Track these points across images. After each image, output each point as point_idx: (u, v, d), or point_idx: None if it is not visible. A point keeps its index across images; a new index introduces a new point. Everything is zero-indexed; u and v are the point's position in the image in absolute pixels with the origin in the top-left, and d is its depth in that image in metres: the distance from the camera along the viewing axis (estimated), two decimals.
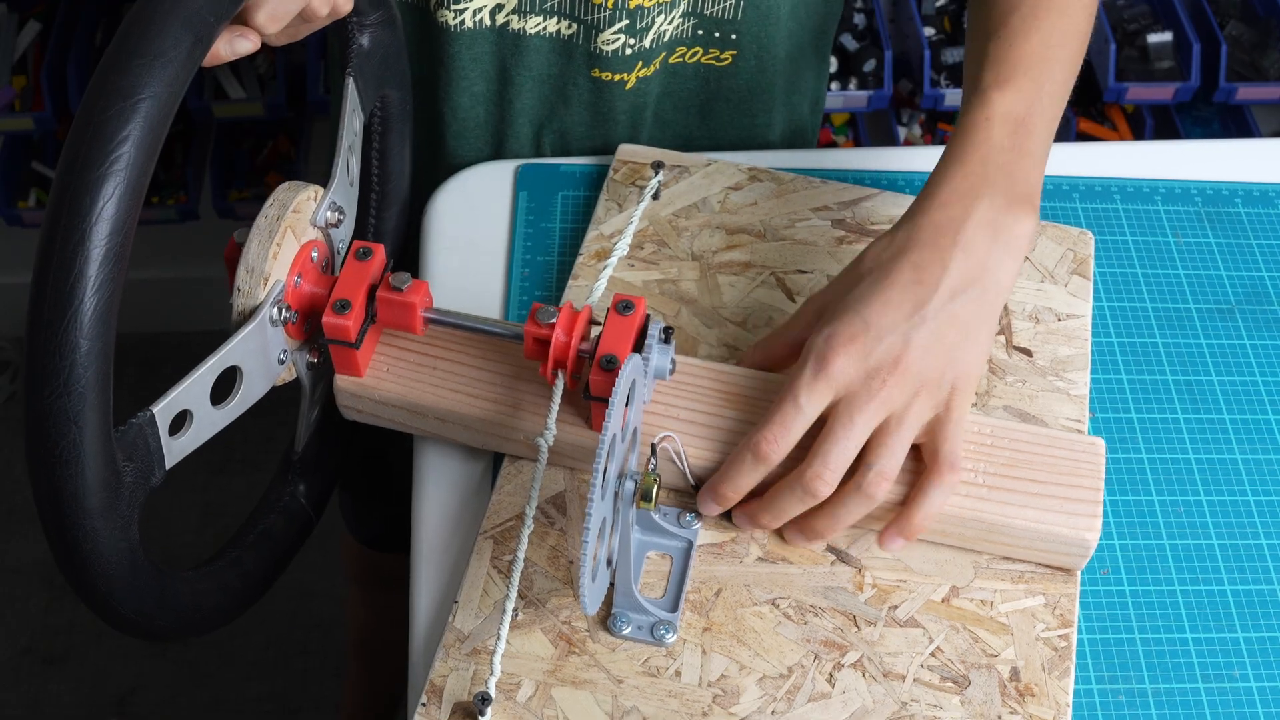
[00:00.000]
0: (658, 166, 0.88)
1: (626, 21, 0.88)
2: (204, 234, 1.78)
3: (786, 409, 0.67)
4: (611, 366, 0.69)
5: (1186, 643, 0.71)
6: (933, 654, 0.69)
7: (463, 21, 0.90)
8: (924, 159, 0.93)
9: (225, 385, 0.66)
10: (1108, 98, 1.75)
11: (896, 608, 0.71)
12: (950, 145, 0.73)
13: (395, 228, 0.85)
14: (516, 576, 0.68)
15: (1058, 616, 0.71)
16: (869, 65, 1.79)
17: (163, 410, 0.61)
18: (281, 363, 0.71)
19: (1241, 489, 0.77)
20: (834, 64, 1.82)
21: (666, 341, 0.70)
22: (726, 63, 0.94)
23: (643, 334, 0.71)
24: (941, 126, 1.96)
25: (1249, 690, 0.70)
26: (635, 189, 0.89)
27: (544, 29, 0.90)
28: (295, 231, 0.70)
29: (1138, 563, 0.74)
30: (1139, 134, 1.87)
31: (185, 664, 0.67)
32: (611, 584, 0.69)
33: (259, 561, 0.75)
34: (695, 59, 0.94)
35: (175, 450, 0.63)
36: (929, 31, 1.87)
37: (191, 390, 0.63)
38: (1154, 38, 1.73)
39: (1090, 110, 1.94)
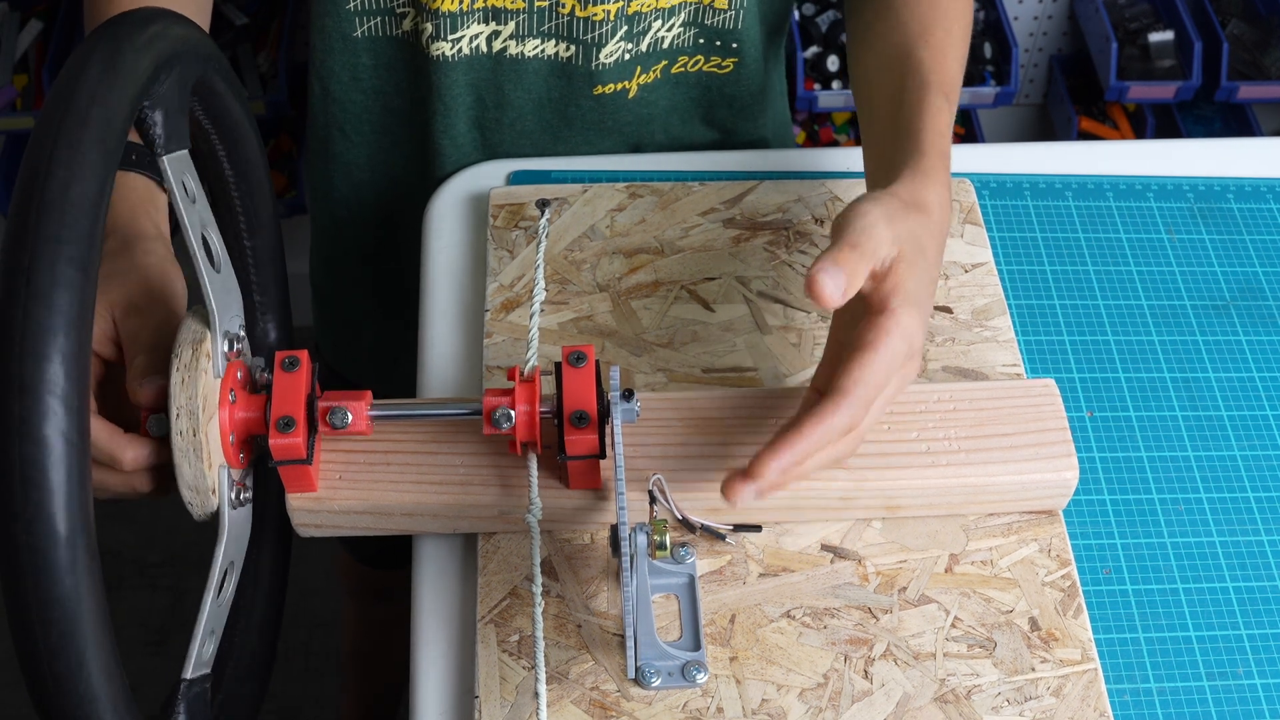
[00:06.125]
0: (542, 205, 0.86)
1: (625, 28, 0.87)
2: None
3: (882, 385, 0.64)
4: (584, 423, 0.67)
5: (1190, 640, 0.72)
6: (953, 625, 0.70)
7: (459, 50, 0.88)
8: None
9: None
10: (1109, 96, 1.77)
11: (905, 589, 0.71)
12: (930, 144, 0.73)
13: (273, 246, 0.78)
14: (540, 657, 0.66)
15: (1055, 558, 0.72)
16: None
17: (195, 671, 0.61)
18: (249, 512, 0.68)
19: (1240, 485, 0.78)
20: (835, 63, 1.82)
21: (629, 400, 0.69)
22: (728, 70, 0.94)
23: (599, 381, 0.70)
24: None
25: (1253, 687, 0.70)
26: (521, 231, 0.87)
27: (542, 51, 0.89)
28: (212, 413, 0.65)
29: (1139, 561, 0.75)
30: (1140, 133, 1.89)
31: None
32: (633, 639, 0.68)
33: (259, 647, 0.73)
34: (697, 68, 0.94)
35: (207, 660, 0.62)
36: None
37: (207, 624, 0.62)
38: (1155, 36, 1.75)
39: (1092, 109, 1.96)
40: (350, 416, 0.68)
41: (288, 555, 0.76)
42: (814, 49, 1.86)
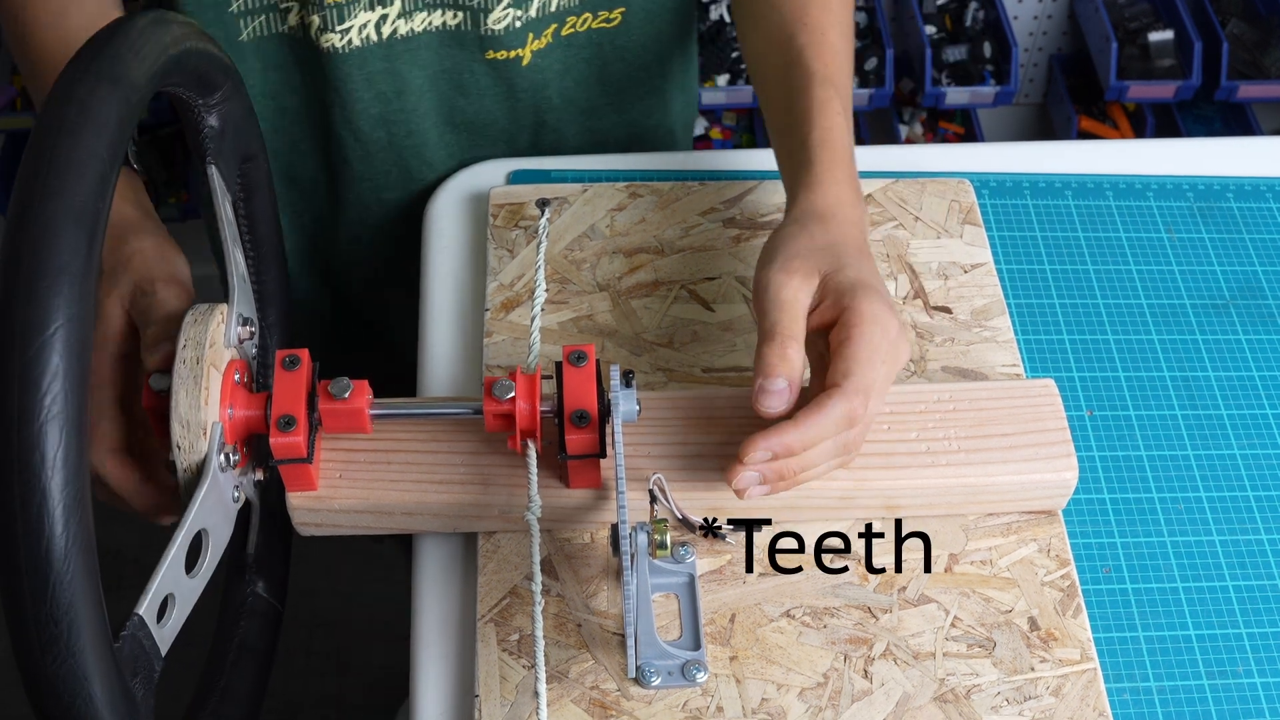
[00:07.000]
0: (542, 204, 0.86)
1: None
2: (205, 231, 1.72)
3: (877, 372, 0.66)
4: (585, 422, 0.67)
5: (1189, 639, 0.72)
6: (952, 624, 0.70)
7: (349, 41, 0.88)
8: (924, 156, 0.95)
9: (194, 550, 0.63)
10: (1109, 96, 1.78)
11: (905, 589, 0.71)
12: (818, 149, 0.75)
13: (279, 288, 0.82)
14: (540, 656, 0.66)
15: (1054, 558, 0.73)
16: (870, 63, 1.80)
17: (148, 608, 0.58)
18: (236, 500, 0.67)
19: (1240, 484, 0.78)
20: None
21: (629, 385, 0.69)
22: (616, 22, 0.94)
23: (600, 381, 0.70)
24: (942, 125, 1.97)
25: (1252, 686, 0.70)
26: (521, 230, 0.87)
27: (429, 23, 0.88)
28: (216, 365, 0.66)
29: (1139, 560, 0.75)
30: (1140, 132, 1.89)
31: (187, 663, 0.64)
32: (634, 638, 0.68)
33: (248, 678, 0.72)
34: (586, 26, 0.93)
35: (166, 637, 0.60)
36: (930, 30, 1.87)
37: (167, 574, 0.60)
38: (1155, 36, 1.75)
39: (1092, 109, 1.97)
40: (351, 386, 0.68)
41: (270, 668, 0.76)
42: None
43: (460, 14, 0.88)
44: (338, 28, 0.86)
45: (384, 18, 0.87)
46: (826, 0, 0.81)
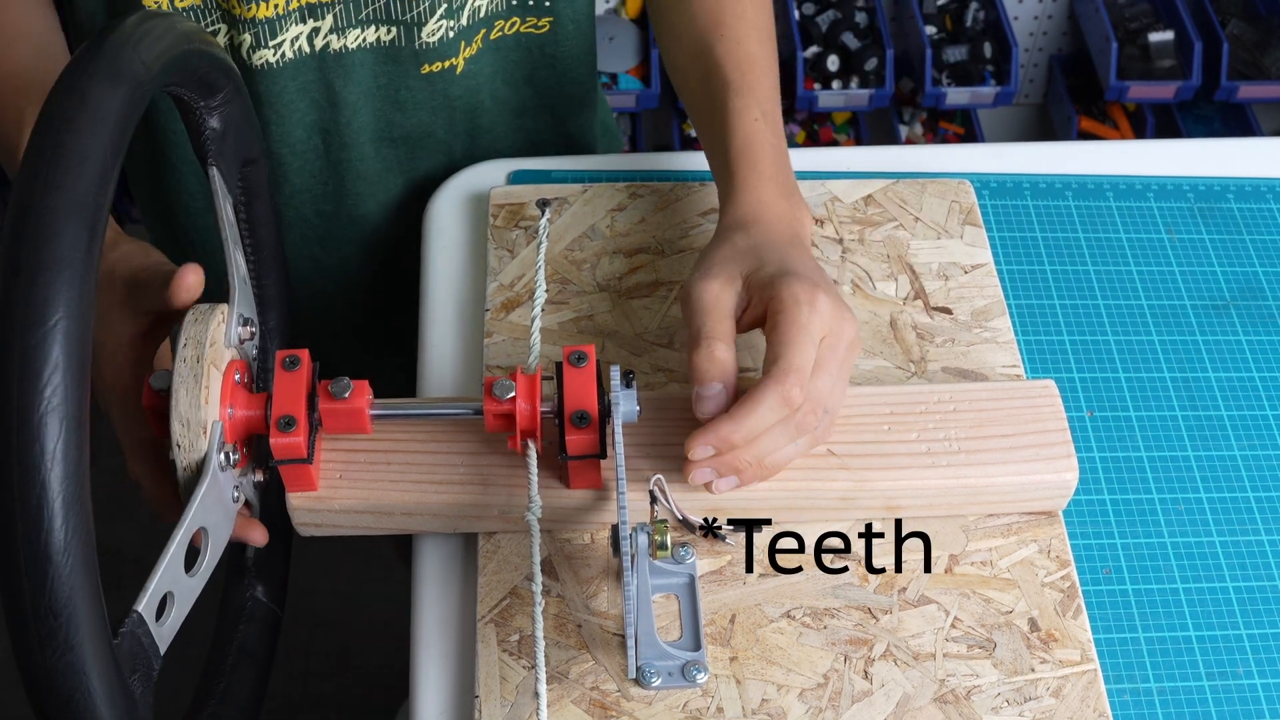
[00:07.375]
0: (543, 205, 0.86)
1: (445, 6, 0.87)
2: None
3: (807, 351, 0.66)
4: (585, 423, 0.67)
5: (1190, 640, 0.72)
6: (953, 625, 0.70)
7: (283, 55, 0.87)
8: (924, 156, 0.96)
9: (193, 548, 0.63)
10: (1109, 96, 1.78)
11: (905, 590, 0.71)
12: (737, 159, 0.76)
13: (279, 292, 0.82)
14: (541, 657, 0.66)
15: (1055, 559, 0.73)
16: (870, 64, 1.80)
17: (146, 606, 0.58)
18: (236, 500, 0.67)
19: (1240, 485, 0.78)
20: (835, 63, 1.83)
21: (629, 386, 0.69)
22: (545, 29, 0.94)
23: (600, 381, 0.70)
24: (943, 125, 1.98)
25: (1253, 687, 0.70)
26: (521, 231, 0.87)
27: (363, 40, 0.88)
28: (216, 364, 0.66)
29: (1139, 561, 0.75)
30: (1140, 132, 1.90)
31: (187, 662, 0.65)
32: (634, 639, 0.68)
33: (247, 683, 0.72)
34: (515, 30, 0.93)
35: (165, 636, 0.60)
36: (930, 30, 1.87)
37: (166, 573, 0.59)
38: (1155, 36, 1.76)
39: (1092, 109, 1.97)
40: (351, 386, 0.68)
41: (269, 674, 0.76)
42: (814, 49, 1.86)
43: (394, 29, 0.87)
44: (270, 43, 0.85)
45: (316, 30, 0.86)
46: (741, 9, 0.82)
